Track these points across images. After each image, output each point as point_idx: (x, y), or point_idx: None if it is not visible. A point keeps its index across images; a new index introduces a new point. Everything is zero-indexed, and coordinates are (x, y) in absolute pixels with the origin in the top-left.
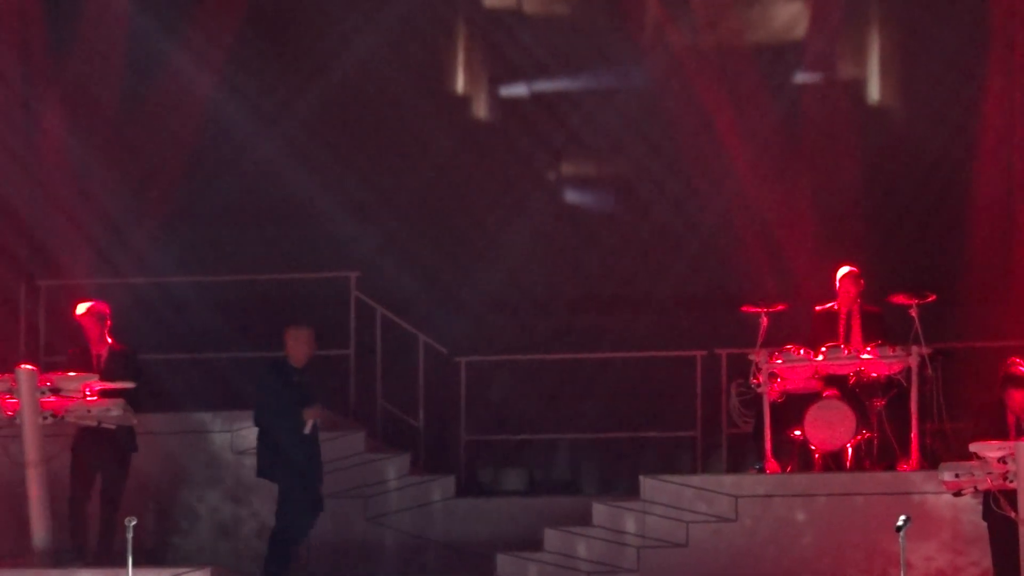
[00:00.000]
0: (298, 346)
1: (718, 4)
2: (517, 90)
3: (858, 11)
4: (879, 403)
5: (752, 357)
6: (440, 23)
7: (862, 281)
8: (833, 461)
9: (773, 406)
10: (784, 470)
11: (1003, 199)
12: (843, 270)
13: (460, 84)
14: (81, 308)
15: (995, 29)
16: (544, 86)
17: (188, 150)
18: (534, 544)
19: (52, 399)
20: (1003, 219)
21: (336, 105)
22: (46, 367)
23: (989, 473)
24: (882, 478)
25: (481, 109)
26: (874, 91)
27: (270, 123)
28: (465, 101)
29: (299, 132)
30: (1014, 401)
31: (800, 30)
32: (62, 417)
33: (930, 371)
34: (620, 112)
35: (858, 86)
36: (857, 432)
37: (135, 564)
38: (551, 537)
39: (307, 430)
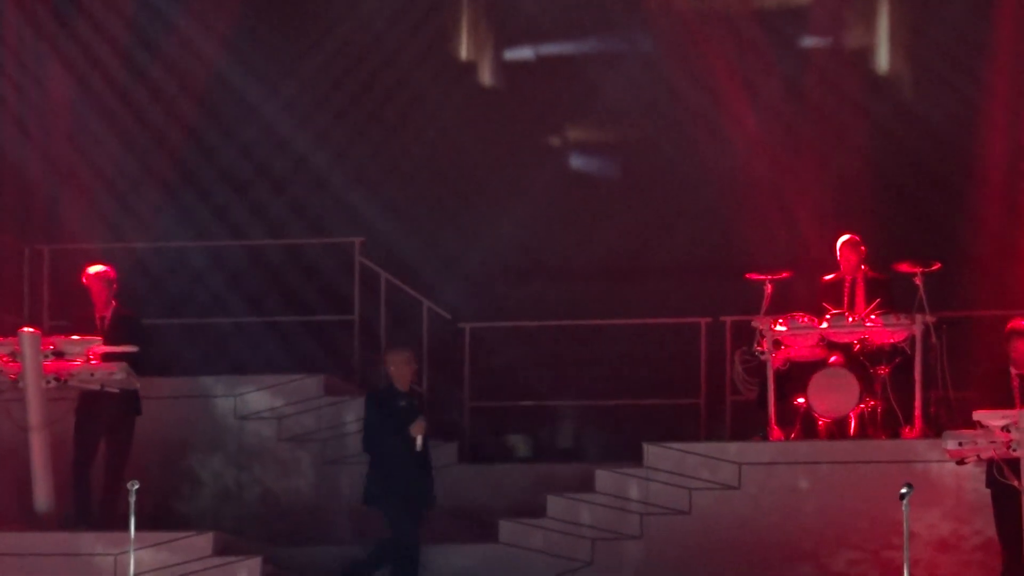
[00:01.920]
0: (400, 369)
1: None
2: (522, 54)
3: None
4: (883, 371)
5: (756, 324)
6: None
7: (863, 248)
8: (837, 429)
9: (777, 374)
10: (788, 438)
11: (1009, 168)
12: (843, 238)
13: (465, 49)
14: (91, 271)
15: None
16: (549, 50)
17: (193, 116)
18: (537, 510)
19: (55, 363)
20: (1009, 188)
21: (340, 70)
22: (49, 331)
23: (992, 442)
24: (886, 446)
25: (486, 74)
26: (882, 59)
27: (274, 89)
28: (470, 66)
29: (303, 97)
30: (1017, 352)
31: None
32: (65, 381)
33: (934, 339)
34: (625, 77)
35: (866, 53)
36: (861, 400)
37: (137, 528)
38: (554, 503)
39: (419, 447)
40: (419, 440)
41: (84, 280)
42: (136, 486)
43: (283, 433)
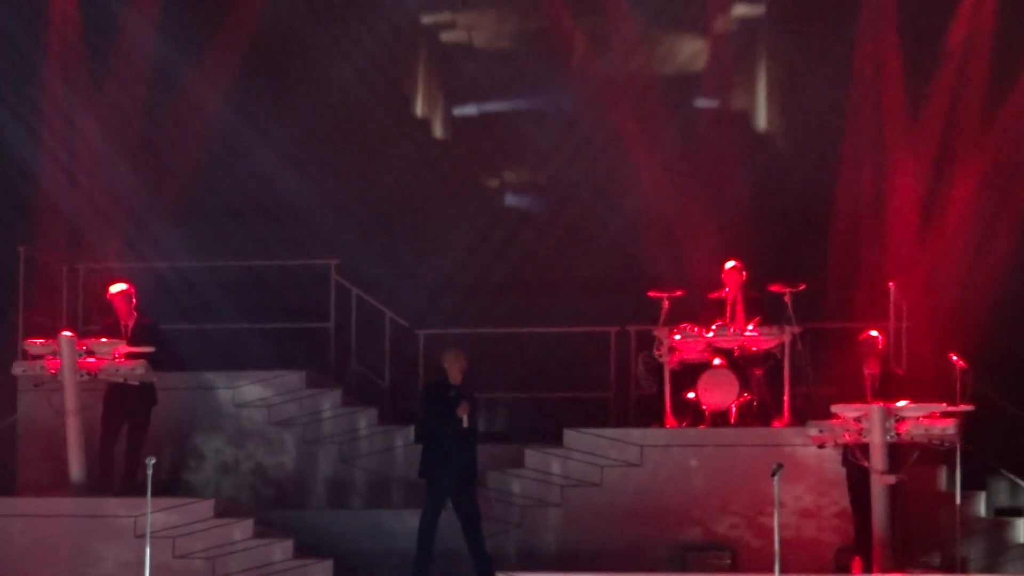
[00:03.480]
0: (452, 364)
1: (632, 40)
2: (467, 111)
3: (749, 51)
4: (758, 372)
5: (656, 333)
6: (405, 55)
7: (744, 272)
8: (720, 418)
9: (672, 373)
10: (680, 425)
11: (857, 210)
12: (729, 264)
13: (420, 107)
14: (114, 289)
15: (857, 72)
16: (489, 108)
17: (199, 156)
18: (478, 482)
19: (88, 360)
20: (857, 226)
21: (321, 122)
22: (83, 334)
23: (847, 430)
24: (760, 432)
25: (438, 128)
26: (760, 118)
27: (267, 135)
28: (425, 121)
29: (291, 143)
30: (867, 346)
31: (700, 63)
32: (96, 375)
33: (800, 346)
34: (550, 130)
35: (747, 113)
36: (740, 395)
37: (153, 495)
38: (492, 477)
39: (465, 424)
40: (464, 419)
41: (108, 296)
42: (153, 461)
43: (272, 418)
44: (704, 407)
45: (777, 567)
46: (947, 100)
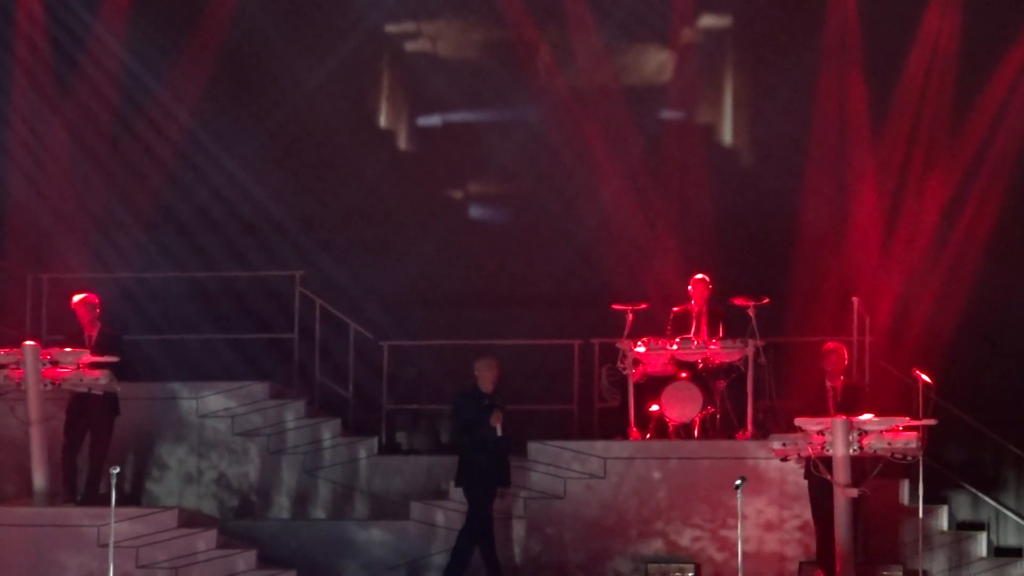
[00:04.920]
0: (484, 373)
1: (597, 53)
2: (432, 122)
3: (714, 64)
4: (722, 384)
5: (620, 346)
6: (370, 68)
7: (711, 286)
8: (684, 431)
9: (636, 386)
10: (644, 437)
11: (822, 226)
12: (697, 276)
13: (384, 119)
14: (76, 298)
15: (821, 87)
16: (453, 119)
17: (167, 168)
18: (441, 494)
19: (51, 370)
20: (821, 242)
21: (286, 135)
22: (47, 344)
23: (810, 443)
24: (723, 445)
25: (402, 139)
26: (727, 133)
27: (233, 147)
28: (389, 133)
29: (257, 155)
30: (830, 363)
31: (665, 76)
32: (59, 384)
33: (763, 359)
34: (515, 142)
35: (713, 127)
36: (703, 408)
37: (116, 504)
38: (455, 489)
39: (499, 432)
40: (498, 428)
41: (71, 305)
42: (116, 471)
43: (236, 428)
44: (668, 420)
45: None
46: (911, 115)
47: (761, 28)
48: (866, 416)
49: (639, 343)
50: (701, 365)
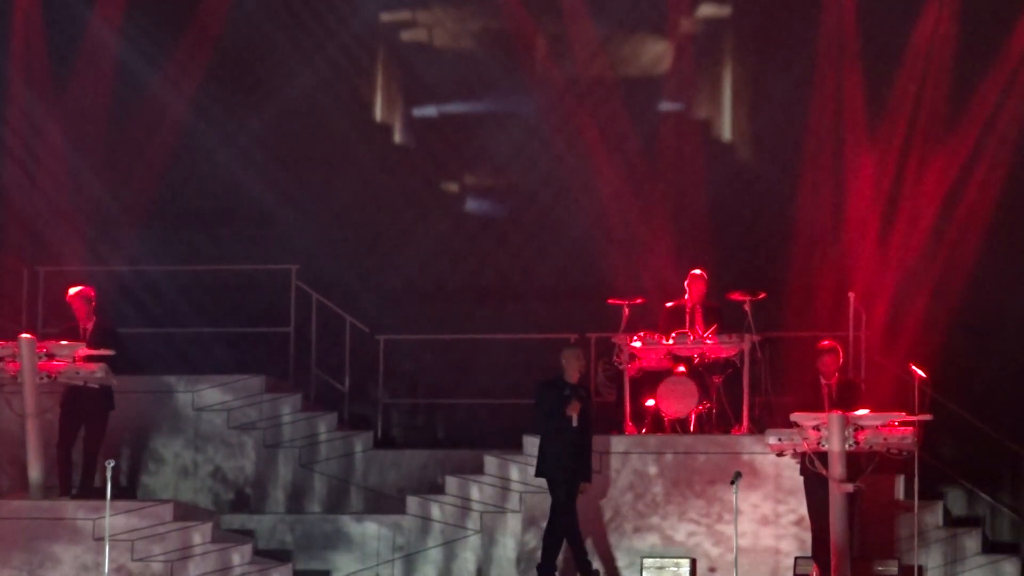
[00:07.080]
0: (570, 363)
1: (594, 44)
2: (427, 113)
3: (711, 57)
4: (718, 379)
5: (616, 340)
6: (366, 60)
7: (708, 281)
8: (680, 425)
9: (632, 380)
10: (640, 432)
11: (818, 221)
12: (694, 271)
13: (380, 112)
14: (72, 291)
15: (818, 80)
16: (449, 111)
17: (164, 161)
18: (437, 488)
19: (47, 363)
20: (817, 237)
21: (283, 128)
22: (43, 337)
23: (805, 438)
24: (719, 440)
25: (398, 132)
26: (725, 128)
27: (230, 140)
28: (385, 126)
29: (253, 148)
30: (825, 365)
31: (662, 68)
32: (55, 378)
33: (759, 354)
34: (511, 135)
35: (711, 122)
36: (699, 403)
37: (112, 497)
38: (451, 483)
39: (575, 423)
40: (574, 419)
41: (67, 298)
42: (112, 464)
43: (231, 422)
44: (664, 414)
45: (735, 575)
46: (909, 108)
47: (760, 17)
48: (862, 411)
49: (635, 338)
50: (697, 360)
